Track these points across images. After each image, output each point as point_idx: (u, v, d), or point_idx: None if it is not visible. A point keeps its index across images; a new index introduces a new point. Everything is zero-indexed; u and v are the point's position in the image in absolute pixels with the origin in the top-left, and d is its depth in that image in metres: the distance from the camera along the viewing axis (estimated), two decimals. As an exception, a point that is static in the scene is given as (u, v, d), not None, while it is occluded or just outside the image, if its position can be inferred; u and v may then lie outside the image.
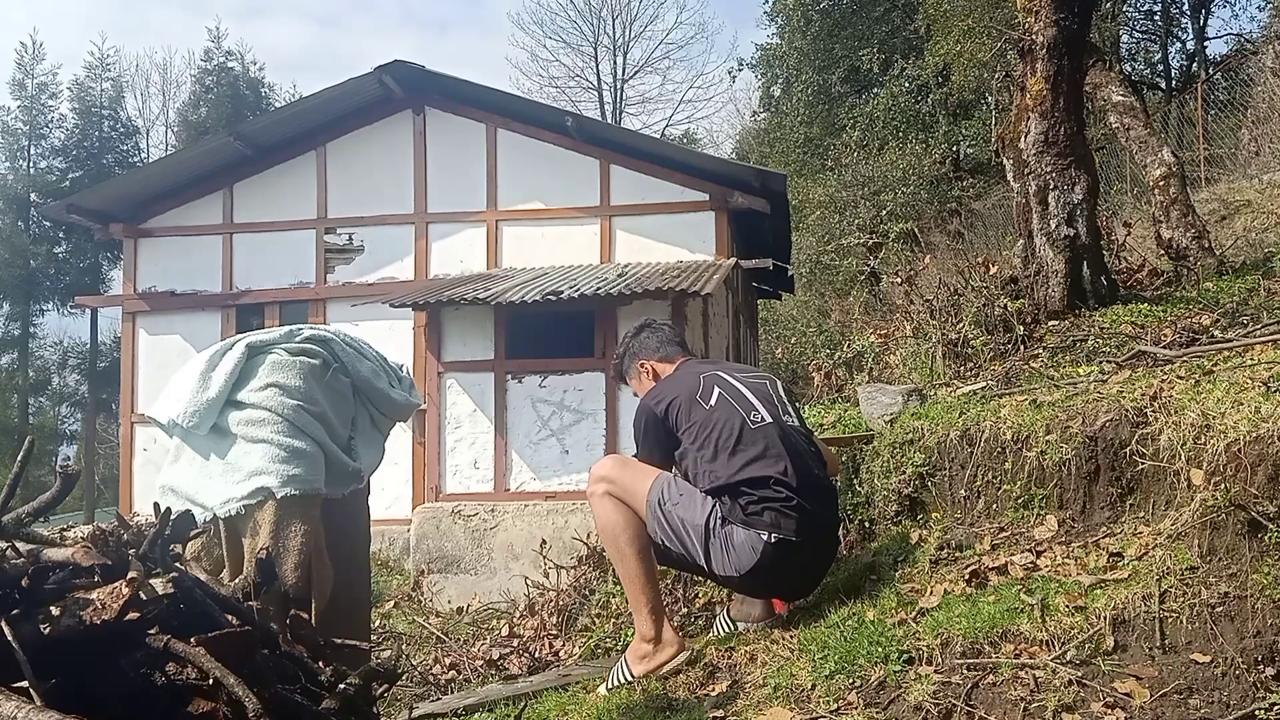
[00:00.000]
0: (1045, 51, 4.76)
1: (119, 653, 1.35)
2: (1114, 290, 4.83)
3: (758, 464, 2.80)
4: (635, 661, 2.88)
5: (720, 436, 2.84)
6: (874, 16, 22.36)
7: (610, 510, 2.88)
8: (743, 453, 2.81)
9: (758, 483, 2.78)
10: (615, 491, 2.89)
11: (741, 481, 2.79)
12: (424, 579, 8.91)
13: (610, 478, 2.91)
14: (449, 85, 11.18)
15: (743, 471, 2.79)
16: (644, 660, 2.86)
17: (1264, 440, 2.41)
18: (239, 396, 2.76)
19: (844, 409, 4.42)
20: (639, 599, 2.88)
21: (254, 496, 2.61)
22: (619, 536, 2.87)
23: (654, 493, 2.86)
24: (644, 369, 3.32)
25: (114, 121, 31.63)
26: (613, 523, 2.87)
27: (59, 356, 31.37)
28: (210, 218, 11.63)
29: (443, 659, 5.02)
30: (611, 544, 2.92)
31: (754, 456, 2.80)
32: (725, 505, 2.80)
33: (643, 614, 2.87)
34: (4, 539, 1.46)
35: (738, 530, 2.77)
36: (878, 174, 17.97)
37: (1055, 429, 2.98)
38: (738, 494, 2.79)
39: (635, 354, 3.36)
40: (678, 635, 2.93)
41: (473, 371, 9.99)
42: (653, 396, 3.07)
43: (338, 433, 2.87)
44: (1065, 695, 2.18)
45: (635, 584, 2.88)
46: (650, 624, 2.86)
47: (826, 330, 14.86)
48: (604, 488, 2.91)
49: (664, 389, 3.08)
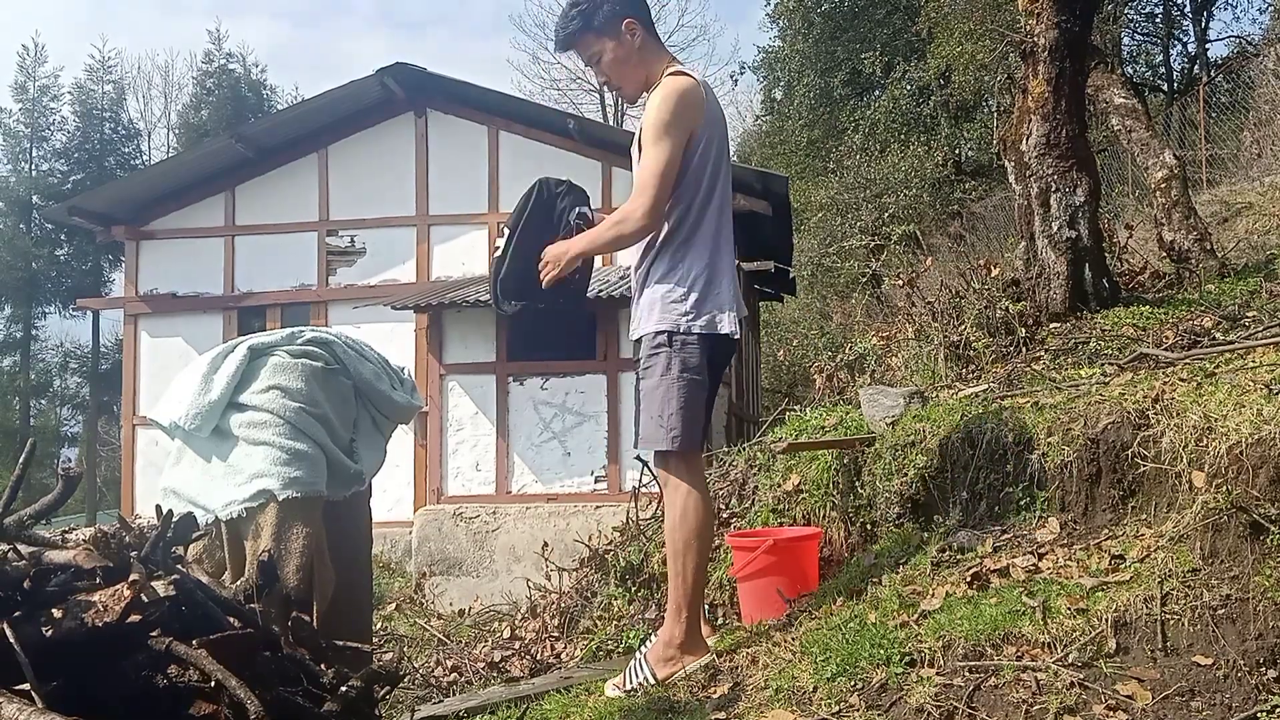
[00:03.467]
0: (1047, 54, 4.76)
1: (121, 655, 1.36)
2: (1115, 292, 4.83)
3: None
4: (659, 664, 2.78)
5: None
6: (875, 19, 22.36)
7: (700, 505, 2.74)
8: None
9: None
10: (700, 488, 2.77)
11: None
12: (426, 581, 8.93)
13: (696, 469, 2.79)
14: (450, 87, 11.19)
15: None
16: (670, 663, 2.77)
17: (1266, 442, 2.41)
18: (241, 399, 2.76)
19: (846, 411, 4.42)
20: (688, 602, 2.77)
21: (256, 499, 2.61)
22: (692, 540, 2.72)
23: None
24: (634, 32, 2.77)
25: (115, 124, 31.67)
26: (700, 521, 2.73)
27: (61, 359, 31.39)
28: (212, 220, 11.64)
29: (444, 661, 5.03)
30: (686, 540, 2.74)
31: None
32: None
33: (681, 619, 2.77)
34: (6, 541, 1.46)
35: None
36: (879, 176, 17.97)
37: (1057, 431, 2.98)
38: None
39: (622, 9, 2.74)
40: (704, 641, 2.87)
41: (474, 374, 10.00)
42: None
43: (339, 435, 2.87)
44: (1067, 697, 2.18)
45: (692, 585, 2.76)
46: (684, 630, 2.77)
47: (828, 332, 14.85)
48: (692, 478, 2.77)
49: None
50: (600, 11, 2.75)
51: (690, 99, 2.68)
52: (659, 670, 2.78)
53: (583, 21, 2.76)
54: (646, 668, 2.80)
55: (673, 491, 2.78)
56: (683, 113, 2.67)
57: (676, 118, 2.66)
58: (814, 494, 3.81)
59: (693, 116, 2.69)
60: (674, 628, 2.79)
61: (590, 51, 2.82)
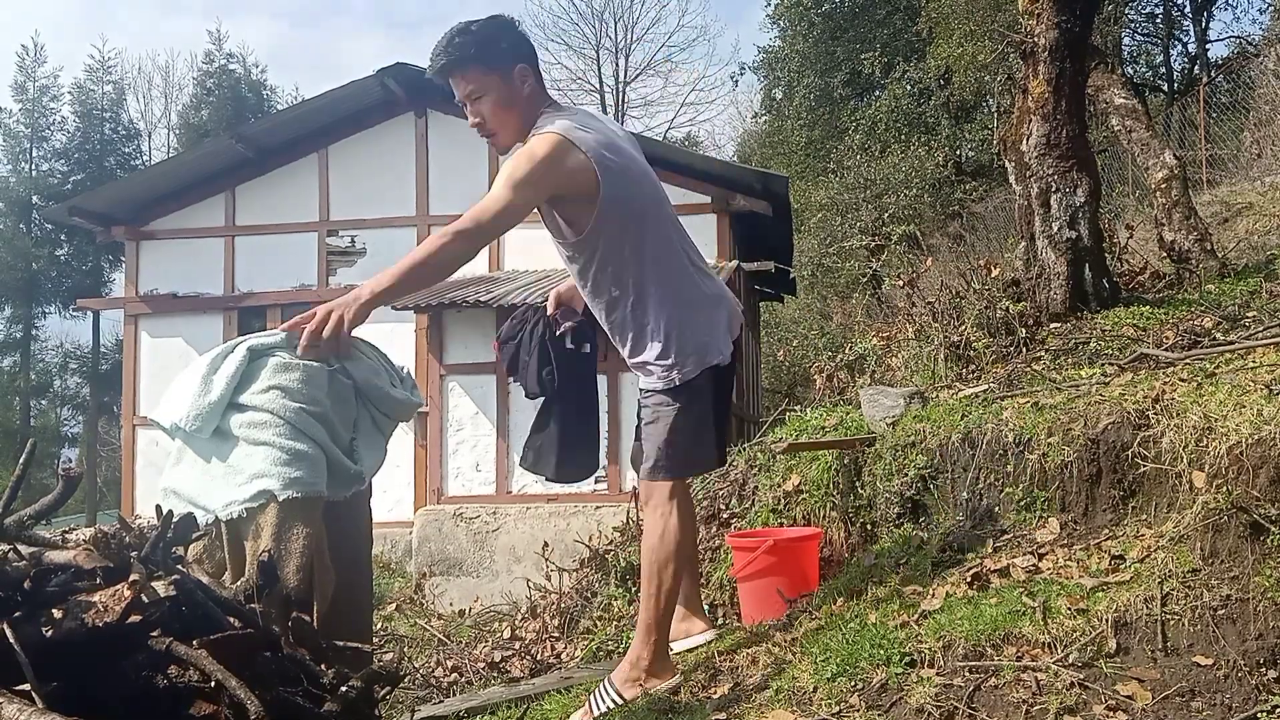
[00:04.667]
0: (1047, 54, 4.76)
1: (121, 655, 1.36)
2: (1116, 293, 4.83)
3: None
4: (626, 685, 2.71)
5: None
6: (876, 19, 22.39)
7: (678, 529, 2.69)
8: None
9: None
10: (684, 505, 2.72)
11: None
12: (426, 581, 8.93)
13: (680, 493, 2.73)
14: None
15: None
16: (635, 684, 2.71)
17: (1266, 443, 2.42)
18: (241, 399, 2.76)
19: (846, 411, 4.42)
20: (660, 622, 2.74)
21: (256, 499, 2.60)
22: (668, 564, 2.68)
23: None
24: (525, 79, 2.56)
25: (115, 124, 31.64)
26: (678, 543, 2.69)
27: (61, 359, 31.36)
28: (212, 220, 11.64)
29: (445, 661, 5.03)
30: (662, 562, 2.69)
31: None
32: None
33: (650, 643, 2.72)
34: (6, 541, 1.46)
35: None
36: (879, 177, 17.98)
37: (1057, 431, 2.98)
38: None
39: (517, 49, 2.54)
40: (674, 664, 2.82)
41: (475, 374, 10.00)
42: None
43: (340, 435, 2.87)
44: (1067, 698, 2.18)
45: (664, 607, 2.72)
46: (652, 652, 2.72)
47: (828, 333, 14.86)
48: (677, 502, 2.71)
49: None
50: (494, 46, 2.52)
51: (553, 162, 2.46)
52: (625, 692, 2.70)
53: (475, 50, 2.50)
54: (612, 690, 2.72)
55: (652, 512, 2.74)
56: (543, 176, 2.47)
57: (532, 178, 2.46)
58: (814, 494, 3.81)
59: (556, 180, 2.49)
60: (642, 649, 2.72)
61: (471, 86, 2.55)
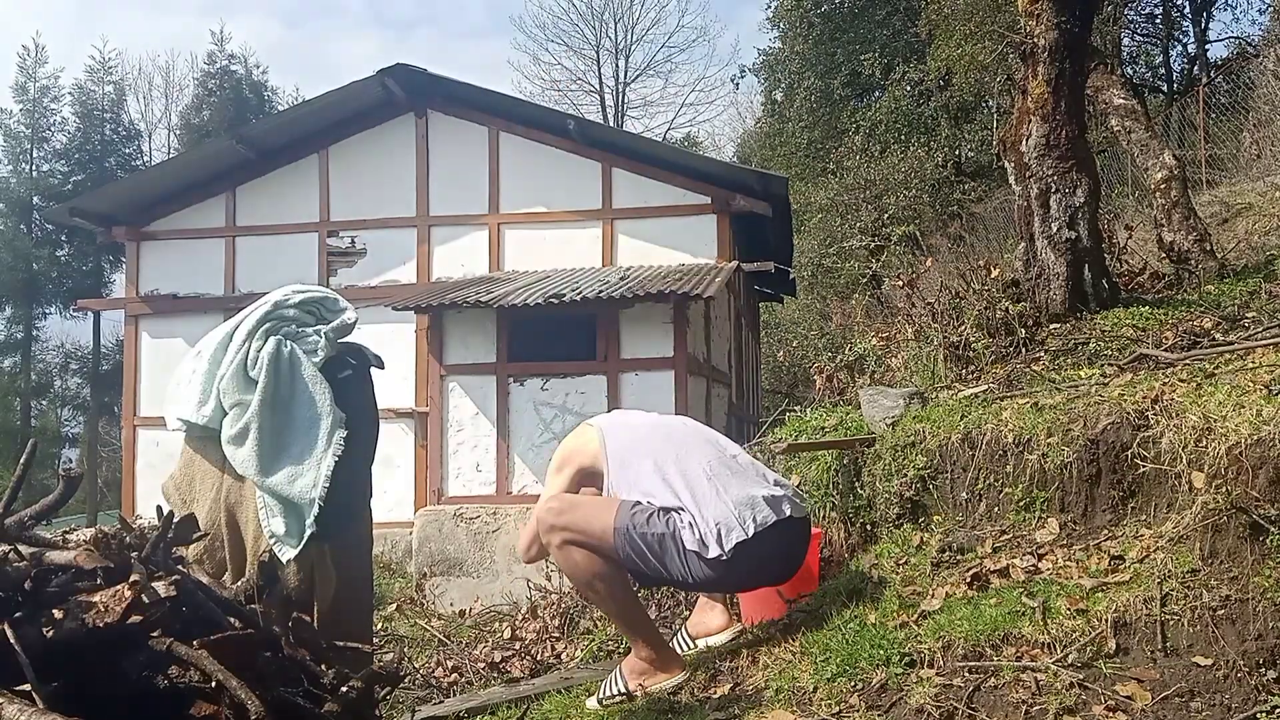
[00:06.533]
0: (1047, 55, 4.77)
1: (121, 655, 1.36)
2: (1115, 293, 4.83)
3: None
4: (633, 675, 2.84)
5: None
6: (875, 21, 22.37)
7: (578, 557, 2.78)
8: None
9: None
10: (573, 538, 2.77)
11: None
12: (426, 582, 8.93)
13: (564, 525, 2.78)
14: (451, 89, 11.19)
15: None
16: (643, 675, 2.83)
17: (1265, 443, 2.42)
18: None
19: (846, 412, 4.42)
20: (634, 629, 2.87)
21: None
22: (594, 581, 2.79)
23: (621, 519, 2.76)
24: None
25: (116, 125, 31.60)
26: (584, 569, 2.78)
27: (61, 360, 31.33)
28: (213, 221, 11.63)
29: (445, 661, 5.03)
30: (588, 588, 2.86)
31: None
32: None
33: (639, 642, 2.85)
34: (7, 542, 1.46)
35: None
36: (879, 177, 17.98)
37: (1057, 432, 2.98)
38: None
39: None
40: (679, 656, 2.94)
41: (475, 374, 9.99)
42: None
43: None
44: (1067, 698, 2.18)
45: (625, 618, 2.88)
46: (648, 648, 2.83)
47: (828, 333, 14.85)
48: (561, 537, 2.78)
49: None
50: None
51: (570, 456, 3.16)
52: (632, 681, 2.83)
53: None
54: (622, 679, 2.86)
55: (555, 552, 2.83)
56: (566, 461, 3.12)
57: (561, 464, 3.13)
58: (814, 494, 3.81)
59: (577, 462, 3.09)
60: (642, 651, 2.85)
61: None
